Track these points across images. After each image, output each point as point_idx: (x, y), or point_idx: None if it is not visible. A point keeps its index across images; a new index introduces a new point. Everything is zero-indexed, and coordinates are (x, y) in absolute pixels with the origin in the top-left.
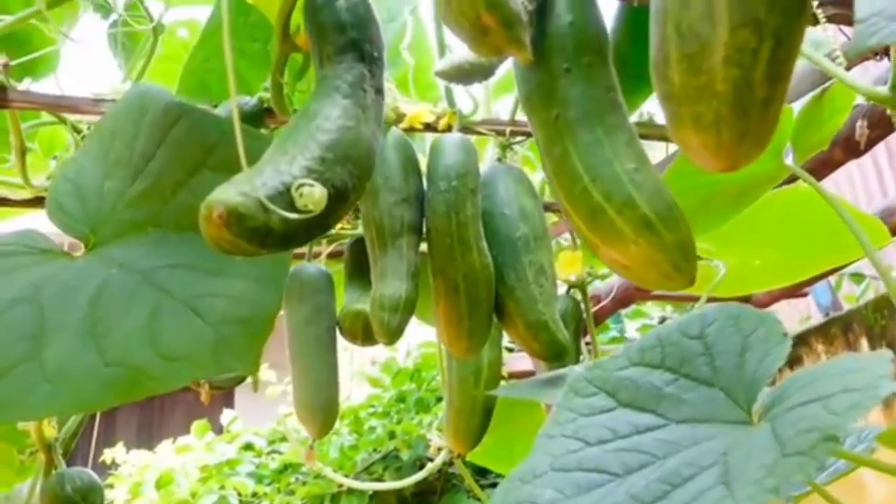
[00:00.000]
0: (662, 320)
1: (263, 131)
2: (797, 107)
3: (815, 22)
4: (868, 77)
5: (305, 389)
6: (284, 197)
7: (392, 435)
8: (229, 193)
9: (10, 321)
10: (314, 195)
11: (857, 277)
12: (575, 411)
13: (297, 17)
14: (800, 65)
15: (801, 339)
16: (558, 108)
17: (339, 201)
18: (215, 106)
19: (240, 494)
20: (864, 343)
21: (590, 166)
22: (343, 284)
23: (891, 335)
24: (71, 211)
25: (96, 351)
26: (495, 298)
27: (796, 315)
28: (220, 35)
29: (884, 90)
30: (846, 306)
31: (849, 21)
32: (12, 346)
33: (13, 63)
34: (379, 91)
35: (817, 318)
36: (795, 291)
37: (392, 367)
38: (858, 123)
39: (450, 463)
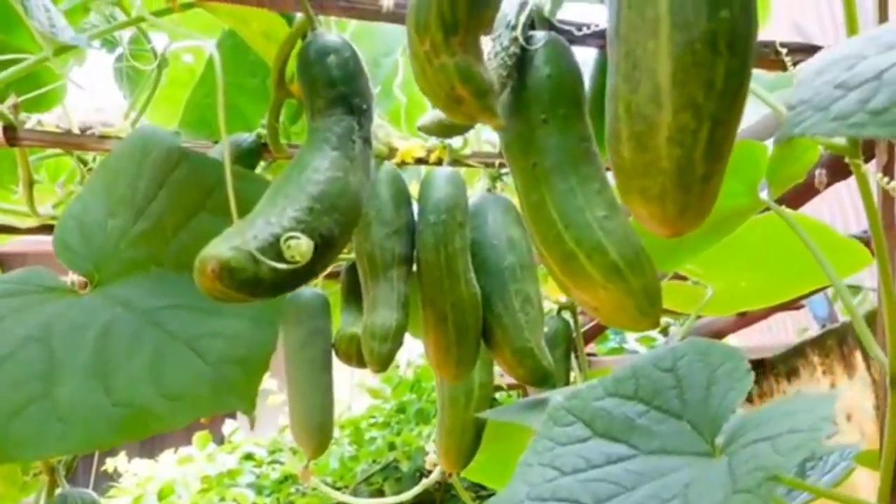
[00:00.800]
0: (664, 329)
1: (262, 163)
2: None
3: (784, 67)
4: None
5: (301, 411)
6: (273, 248)
7: (392, 446)
8: (221, 248)
9: (22, 360)
10: (301, 247)
11: (854, 290)
12: (553, 440)
13: (293, 66)
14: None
15: (798, 351)
16: (536, 157)
17: (326, 250)
18: (216, 141)
19: None
20: (857, 356)
21: (563, 213)
22: (339, 307)
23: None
24: (76, 249)
25: (103, 391)
26: (483, 325)
27: (794, 326)
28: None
29: (841, 140)
30: (842, 318)
31: None
32: (26, 384)
33: (21, 99)
34: (367, 141)
35: (814, 330)
36: (791, 304)
37: (393, 378)
38: (818, 171)
39: (449, 474)
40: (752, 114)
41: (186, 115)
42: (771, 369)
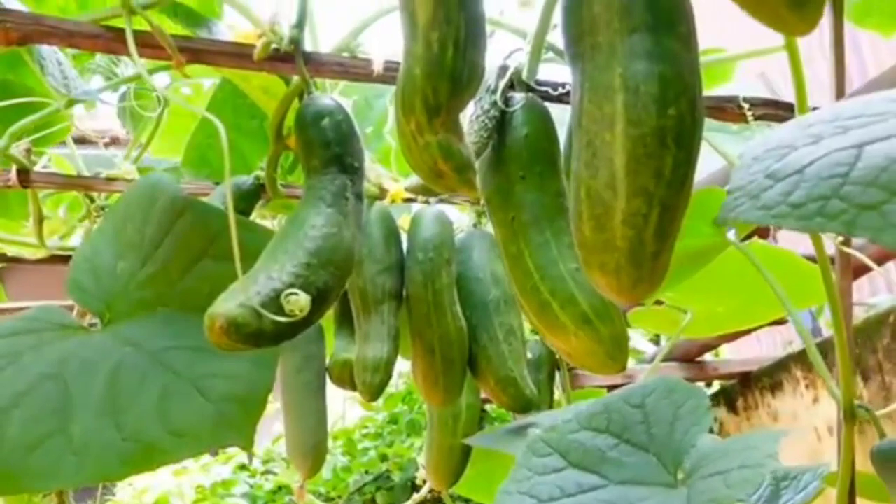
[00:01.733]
0: (656, 339)
1: (260, 202)
2: None
3: (746, 120)
4: None
5: (297, 433)
6: (275, 303)
7: (384, 457)
8: (228, 305)
9: (40, 396)
10: (300, 302)
11: None
12: (531, 470)
13: (290, 120)
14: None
15: (782, 365)
16: (514, 211)
17: (323, 301)
18: (217, 182)
19: None
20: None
21: (539, 265)
22: (332, 332)
23: (864, 363)
24: (88, 289)
25: (115, 426)
26: (469, 356)
27: (780, 339)
28: (222, 117)
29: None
30: (826, 332)
31: (776, 119)
32: (43, 419)
33: (31, 138)
34: (359, 196)
35: (799, 343)
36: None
37: (386, 391)
38: None
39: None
40: (718, 161)
41: (188, 154)
42: (756, 382)
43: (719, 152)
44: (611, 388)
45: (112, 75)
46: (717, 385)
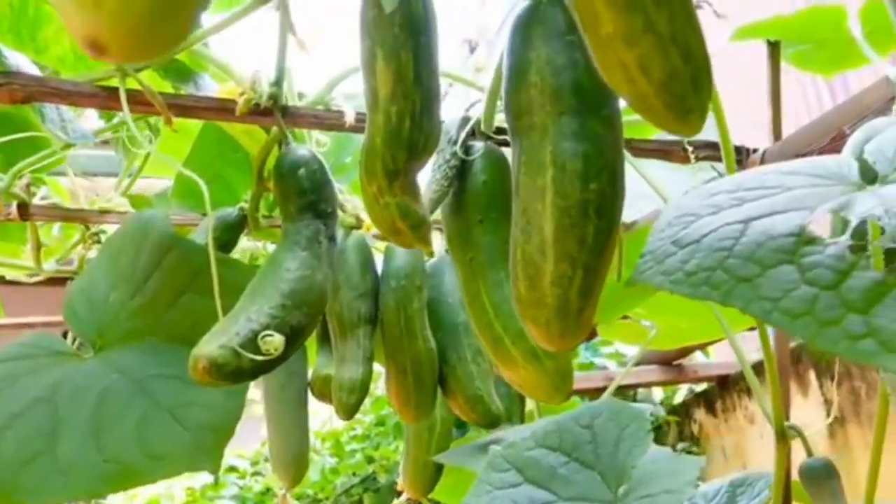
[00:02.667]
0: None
1: (244, 234)
2: None
3: (689, 161)
4: None
5: (280, 445)
6: (252, 343)
7: (371, 459)
8: (211, 347)
9: (32, 418)
10: (275, 342)
11: None
12: (491, 484)
13: (270, 163)
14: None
15: (756, 370)
16: (472, 252)
17: (296, 338)
18: (204, 214)
19: None
20: (812, 375)
21: (494, 302)
22: (314, 349)
23: (832, 370)
24: (82, 317)
25: (97, 448)
26: (440, 375)
27: (755, 345)
28: (208, 149)
29: None
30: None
31: (718, 159)
32: (33, 440)
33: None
34: (332, 238)
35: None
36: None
37: (372, 392)
38: None
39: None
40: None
41: (178, 187)
42: (734, 385)
43: (659, 195)
44: (589, 391)
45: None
46: (689, 387)
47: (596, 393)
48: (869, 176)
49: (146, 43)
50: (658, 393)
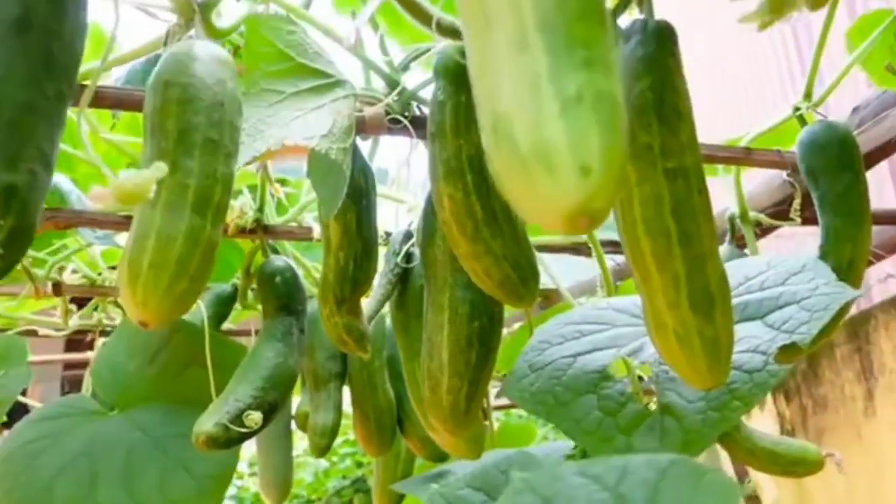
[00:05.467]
0: None
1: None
2: None
3: (589, 254)
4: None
5: (267, 471)
6: (239, 419)
7: (360, 464)
8: (207, 425)
9: (76, 469)
10: (255, 418)
11: None
12: None
13: (258, 259)
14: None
15: None
16: (411, 340)
17: (272, 411)
18: (207, 288)
19: None
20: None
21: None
22: (298, 390)
23: (787, 386)
24: (107, 381)
25: (128, 494)
26: (398, 419)
27: None
28: None
29: None
30: None
31: (619, 252)
32: (79, 487)
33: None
34: (301, 330)
35: None
36: None
37: None
38: None
39: None
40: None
41: None
42: None
43: (556, 283)
44: None
45: None
46: None
47: None
48: None
49: (174, 315)
50: None
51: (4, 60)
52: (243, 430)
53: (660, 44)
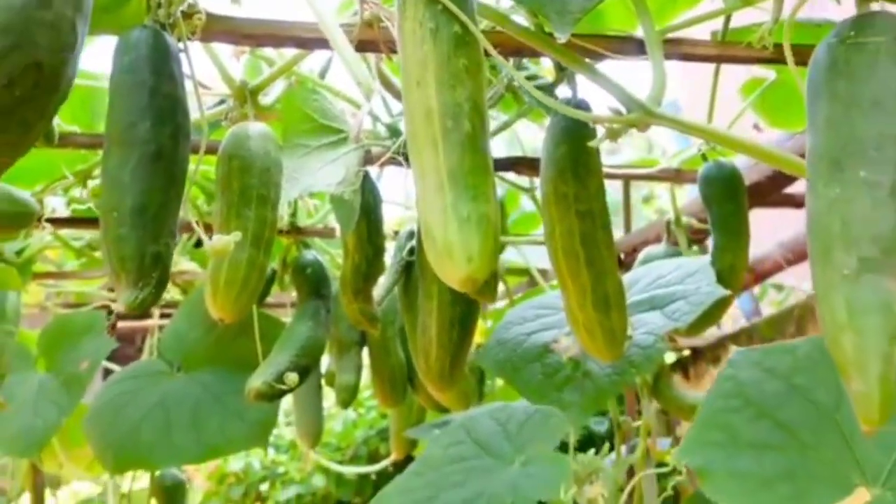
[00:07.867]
0: None
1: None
2: None
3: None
4: None
5: (302, 421)
6: (280, 379)
7: (384, 415)
8: (257, 382)
9: (155, 418)
10: (293, 378)
11: (778, 287)
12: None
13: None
14: None
15: (720, 343)
16: (414, 315)
17: (305, 374)
18: None
19: (261, 461)
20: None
21: None
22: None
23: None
24: (173, 347)
25: (196, 436)
26: (408, 377)
27: (728, 318)
28: None
29: None
30: (765, 313)
31: None
32: (158, 431)
33: None
34: (328, 310)
35: (736, 325)
36: None
37: None
38: None
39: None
40: None
41: None
42: (703, 356)
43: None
44: None
45: None
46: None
47: None
48: None
49: (240, 313)
50: None
51: (149, 178)
52: (283, 387)
53: (576, 118)
